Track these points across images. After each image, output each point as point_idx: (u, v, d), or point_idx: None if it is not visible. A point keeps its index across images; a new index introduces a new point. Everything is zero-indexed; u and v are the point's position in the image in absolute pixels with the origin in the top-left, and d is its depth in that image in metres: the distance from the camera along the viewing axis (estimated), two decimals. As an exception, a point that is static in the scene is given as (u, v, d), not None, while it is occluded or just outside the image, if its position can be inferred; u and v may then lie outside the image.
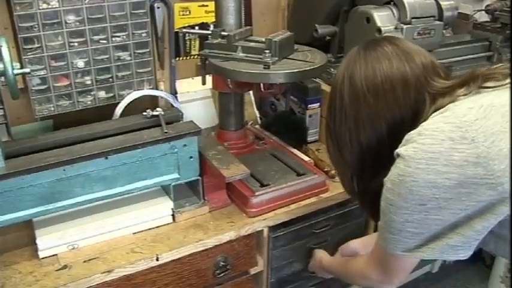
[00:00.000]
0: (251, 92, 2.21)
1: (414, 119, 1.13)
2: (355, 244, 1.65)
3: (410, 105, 1.14)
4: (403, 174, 1.03)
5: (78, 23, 1.81)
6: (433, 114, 1.10)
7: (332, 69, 2.10)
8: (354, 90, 1.18)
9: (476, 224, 1.02)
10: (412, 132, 1.07)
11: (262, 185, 1.70)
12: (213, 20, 1.90)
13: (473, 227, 1.03)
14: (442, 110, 1.10)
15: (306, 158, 1.92)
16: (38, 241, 1.47)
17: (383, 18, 1.85)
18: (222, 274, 1.66)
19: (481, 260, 2.91)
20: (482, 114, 1.02)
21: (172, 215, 1.64)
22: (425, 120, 1.10)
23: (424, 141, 1.03)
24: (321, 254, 1.76)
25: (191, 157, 1.60)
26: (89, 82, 1.90)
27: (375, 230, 2.03)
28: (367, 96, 1.16)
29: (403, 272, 1.23)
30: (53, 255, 1.49)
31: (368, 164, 1.22)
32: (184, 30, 2.08)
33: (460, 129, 1.00)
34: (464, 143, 0.99)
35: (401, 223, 1.07)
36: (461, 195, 1.00)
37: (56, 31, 1.78)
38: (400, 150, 1.06)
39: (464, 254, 1.07)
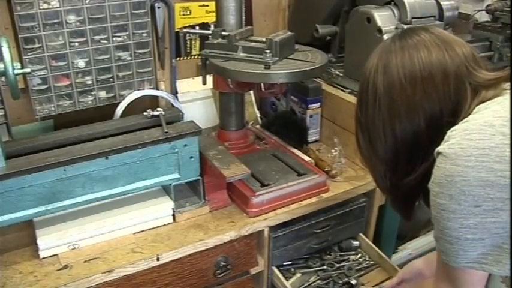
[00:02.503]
0: (252, 92, 2.21)
1: (454, 112, 1.06)
2: (418, 263, 1.54)
3: (450, 96, 1.06)
4: (451, 174, 0.96)
5: (78, 23, 1.81)
6: (478, 108, 1.03)
7: (333, 69, 2.10)
8: (389, 79, 1.10)
9: None
10: (455, 127, 1.00)
11: (263, 185, 1.70)
12: (214, 20, 1.90)
13: None
14: (488, 103, 1.03)
15: (307, 158, 1.92)
16: (38, 241, 1.47)
17: (383, 18, 1.85)
18: (222, 274, 1.66)
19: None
20: None
21: (173, 215, 1.64)
22: (468, 114, 1.03)
23: (472, 136, 0.95)
24: None
25: (192, 157, 1.60)
26: (89, 82, 1.90)
27: (376, 231, 2.04)
28: (404, 85, 1.08)
29: (478, 287, 1.11)
30: (54, 255, 1.50)
31: (403, 159, 1.14)
32: (184, 30, 2.08)
33: None
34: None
35: (458, 230, 0.98)
36: None
37: (57, 31, 1.78)
38: (443, 148, 0.98)
39: None
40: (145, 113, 1.65)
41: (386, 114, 1.12)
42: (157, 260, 1.50)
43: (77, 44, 1.83)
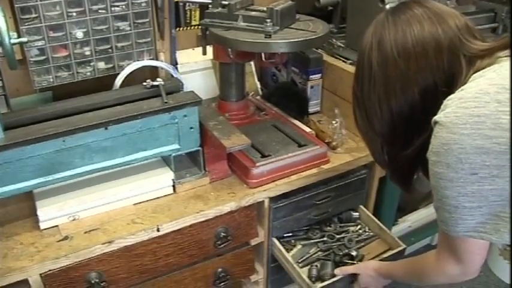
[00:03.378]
0: (252, 62, 2.19)
1: (450, 83, 1.07)
2: (373, 264, 1.60)
3: (444, 68, 1.08)
4: (448, 143, 0.97)
5: (76, -8, 1.78)
6: (474, 76, 1.04)
7: (334, 40, 2.08)
8: (383, 56, 1.12)
9: None
10: (451, 96, 1.02)
11: (263, 156, 1.69)
12: (214, -11, 1.87)
13: None
14: (483, 71, 1.04)
15: (307, 129, 1.91)
16: (38, 212, 1.47)
17: (386, -13, 1.82)
18: (222, 245, 1.66)
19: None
20: None
21: (173, 186, 1.64)
22: (464, 83, 1.04)
23: (467, 104, 0.96)
24: (370, 264, 1.61)
25: (192, 128, 1.59)
26: (88, 53, 1.88)
27: (376, 203, 2.04)
28: (397, 61, 1.10)
29: (478, 256, 1.13)
30: (54, 226, 1.50)
31: (399, 132, 1.16)
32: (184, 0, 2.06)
33: (507, 91, 0.94)
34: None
35: (455, 198, 1.01)
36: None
37: (54, 0, 1.75)
38: (439, 117, 1.00)
39: None
40: (144, 83, 1.63)
41: (381, 90, 1.14)
42: (158, 230, 1.51)
43: (74, 14, 1.80)
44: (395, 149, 1.19)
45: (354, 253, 1.78)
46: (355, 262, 1.74)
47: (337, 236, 1.86)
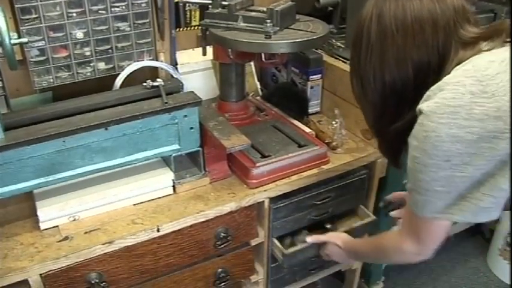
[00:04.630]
0: (252, 63, 2.19)
1: (440, 67, 1.11)
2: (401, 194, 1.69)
3: (438, 49, 1.11)
4: (427, 130, 1.03)
5: (76, -7, 1.78)
6: (455, 68, 1.09)
7: (334, 41, 2.08)
8: (382, 29, 1.15)
9: (502, 184, 1.02)
10: (433, 87, 1.06)
11: (263, 156, 1.69)
12: (214, -11, 1.87)
13: (501, 187, 1.03)
14: (464, 63, 1.08)
15: (307, 130, 1.91)
16: (39, 213, 1.47)
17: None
18: (222, 245, 1.66)
19: (480, 233, 2.92)
20: (503, 69, 1.01)
21: (173, 186, 1.64)
22: (447, 73, 1.08)
23: (445, 95, 1.02)
24: (341, 236, 1.68)
25: (192, 128, 1.59)
26: (88, 53, 1.88)
27: (376, 202, 2.04)
28: (395, 35, 1.13)
29: (437, 239, 1.20)
30: (54, 226, 1.50)
31: (390, 105, 1.20)
32: (184, 0, 2.06)
33: (480, 83, 1.00)
34: (484, 96, 0.99)
35: (428, 182, 1.07)
36: (484, 150, 1.00)
37: (54, 1, 1.75)
38: (422, 106, 1.05)
39: (496, 214, 1.08)
40: (144, 84, 1.63)
41: (377, 61, 1.17)
42: (158, 231, 1.51)
43: (74, 14, 1.80)
44: (385, 121, 1.23)
45: (328, 226, 1.87)
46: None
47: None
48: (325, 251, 1.71)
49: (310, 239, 1.74)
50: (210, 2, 1.75)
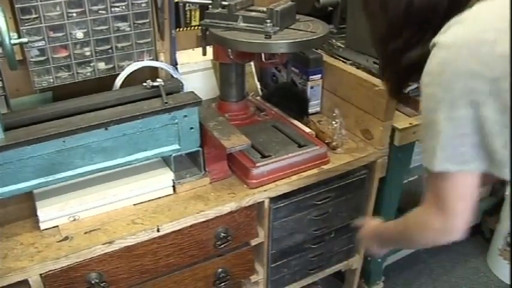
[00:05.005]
0: (252, 63, 2.19)
1: None
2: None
3: None
4: (443, 62, 0.98)
5: (76, -7, 1.78)
6: (479, 2, 1.02)
7: (334, 41, 2.08)
8: None
9: None
10: (452, 21, 1.00)
11: (263, 156, 1.69)
12: (214, -10, 1.87)
13: None
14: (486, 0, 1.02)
15: (307, 130, 1.91)
16: (39, 213, 1.47)
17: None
18: (222, 245, 1.66)
19: (480, 233, 2.93)
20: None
21: (173, 186, 1.64)
22: (469, 7, 1.02)
23: (468, 29, 0.97)
24: (375, 221, 1.53)
25: (192, 128, 1.59)
26: (88, 53, 1.88)
27: (376, 203, 2.04)
28: None
29: (461, 202, 1.07)
30: (54, 226, 1.50)
31: (411, 24, 1.11)
32: (184, 0, 2.06)
33: (506, 21, 0.92)
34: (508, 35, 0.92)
35: (440, 123, 1.00)
36: (502, 91, 0.93)
37: (54, 1, 1.75)
38: (439, 38, 1.00)
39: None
40: (144, 84, 1.63)
41: None
42: (158, 231, 1.51)
43: (74, 14, 1.80)
44: (398, 45, 1.15)
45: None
46: None
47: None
48: (360, 235, 1.54)
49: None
50: (210, 2, 1.75)
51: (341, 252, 2.09)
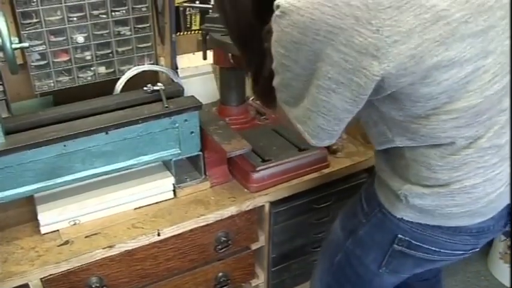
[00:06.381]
0: (252, 67, 2.19)
1: None
2: None
3: None
4: (295, 38, 0.94)
5: (77, -3, 1.79)
6: None
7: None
8: None
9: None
10: None
11: (264, 160, 1.69)
12: (214, -6, 1.88)
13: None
14: None
15: (308, 134, 1.90)
16: (39, 217, 1.47)
17: None
18: (223, 249, 1.66)
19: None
20: (397, 4, 0.87)
21: (174, 191, 1.64)
22: None
23: (323, 9, 0.89)
24: None
25: (192, 132, 1.59)
26: (88, 57, 1.89)
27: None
28: None
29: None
30: (55, 230, 1.50)
31: (246, 40, 1.19)
32: (185, 4, 2.06)
33: (369, 12, 0.87)
34: (368, 28, 0.87)
35: (288, 81, 1.03)
36: (352, 83, 0.93)
37: (55, 6, 1.75)
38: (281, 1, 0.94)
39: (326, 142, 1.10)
40: (145, 88, 1.63)
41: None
42: (158, 235, 1.51)
43: (75, 18, 1.81)
44: (252, 59, 1.22)
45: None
46: None
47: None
48: None
49: None
50: (210, 6, 1.75)
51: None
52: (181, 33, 2.13)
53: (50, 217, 1.48)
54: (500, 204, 1.16)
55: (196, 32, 2.16)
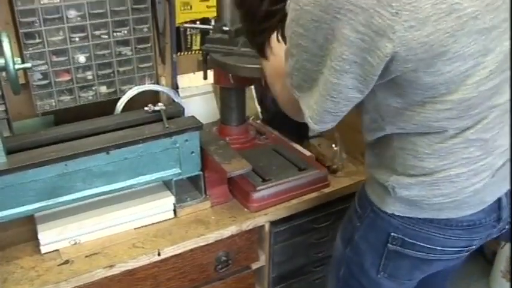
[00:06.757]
0: (253, 86, 2.20)
1: None
2: None
3: None
4: (315, 20, 0.95)
5: (79, 18, 1.80)
6: None
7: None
8: None
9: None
10: None
11: (264, 180, 1.70)
12: (215, 14, 1.89)
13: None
14: None
15: (308, 153, 1.91)
16: (39, 236, 1.47)
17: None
18: (223, 269, 1.66)
19: (482, 255, 2.91)
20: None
21: (174, 210, 1.64)
22: None
23: None
24: None
25: (193, 152, 1.60)
26: (90, 77, 1.90)
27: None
28: None
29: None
30: (55, 250, 1.50)
31: None
32: (185, 25, 2.08)
33: None
34: (388, 10, 0.88)
35: (300, 62, 1.03)
36: (366, 63, 0.94)
37: (57, 26, 1.77)
38: None
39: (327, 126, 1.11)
40: (146, 108, 1.64)
41: None
42: (159, 255, 1.51)
43: (77, 39, 1.83)
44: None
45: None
46: None
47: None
48: None
49: None
50: (211, 27, 1.77)
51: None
52: (182, 53, 2.15)
53: (50, 236, 1.48)
54: (488, 196, 1.18)
55: (197, 52, 2.17)
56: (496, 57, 1.01)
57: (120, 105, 1.90)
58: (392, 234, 1.22)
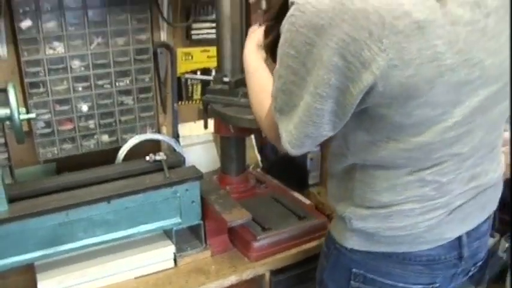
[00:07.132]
0: (252, 135, 2.22)
1: None
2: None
3: None
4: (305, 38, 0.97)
5: (83, 68, 1.84)
6: None
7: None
8: None
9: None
10: None
11: (264, 229, 1.70)
12: (215, 64, 1.93)
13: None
14: None
15: (307, 202, 1.92)
16: (39, 285, 1.46)
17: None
18: (223, 319, 1.65)
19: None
20: (409, 32, 0.91)
21: (174, 259, 1.63)
22: None
23: (344, 16, 0.92)
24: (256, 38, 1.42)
25: (193, 202, 1.61)
26: (92, 126, 1.93)
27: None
28: None
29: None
30: (54, 299, 1.49)
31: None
32: (186, 75, 2.12)
33: (383, 30, 0.90)
34: (378, 45, 0.91)
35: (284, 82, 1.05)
36: (347, 91, 0.96)
37: (62, 76, 1.81)
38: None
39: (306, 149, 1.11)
40: (147, 158, 1.66)
41: None
42: (159, 304, 1.50)
43: (80, 88, 1.86)
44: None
45: None
46: None
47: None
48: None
49: None
50: (211, 78, 1.80)
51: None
52: (183, 102, 2.18)
53: (50, 285, 1.48)
54: (447, 233, 1.20)
55: (198, 101, 2.20)
56: (463, 109, 1.04)
57: (122, 153, 1.92)
58: (354, 270, 1.24)
